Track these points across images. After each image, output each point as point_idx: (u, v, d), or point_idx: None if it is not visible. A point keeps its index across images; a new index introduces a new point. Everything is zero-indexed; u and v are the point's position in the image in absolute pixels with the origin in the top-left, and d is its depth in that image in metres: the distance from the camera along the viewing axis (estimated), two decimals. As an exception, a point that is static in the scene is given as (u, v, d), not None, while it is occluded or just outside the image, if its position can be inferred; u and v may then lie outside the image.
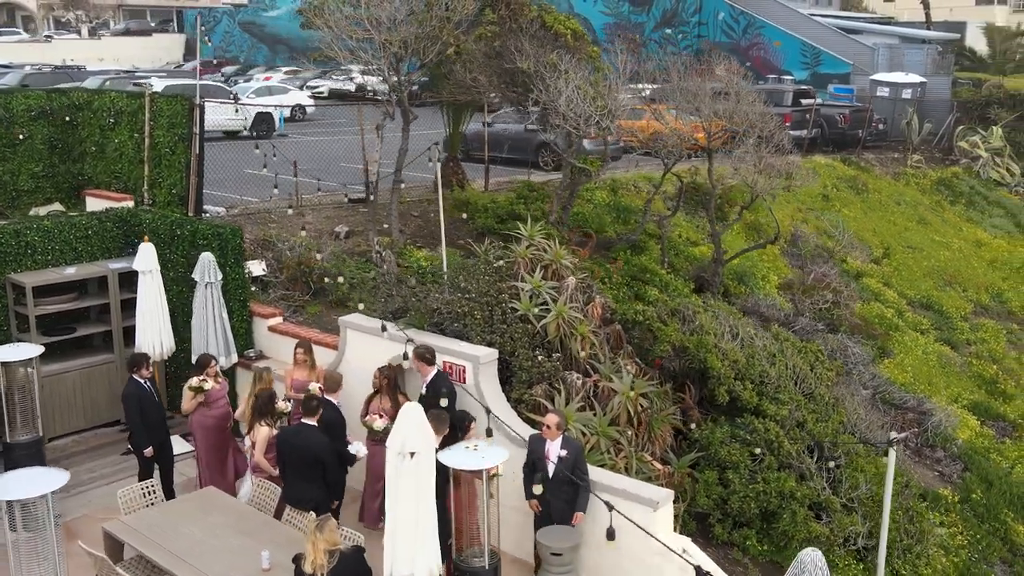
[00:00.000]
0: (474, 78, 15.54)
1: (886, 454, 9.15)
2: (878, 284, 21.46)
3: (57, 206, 17.60)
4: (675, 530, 10.02)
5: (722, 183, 18.21)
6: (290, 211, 17.20)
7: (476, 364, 10.67)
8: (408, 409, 7.68)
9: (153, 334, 12.64)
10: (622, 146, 26.18)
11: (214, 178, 17.76)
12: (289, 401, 11.17)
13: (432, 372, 10.41)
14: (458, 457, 8.36)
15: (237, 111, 28.99)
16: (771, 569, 10.97)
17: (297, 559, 7.81)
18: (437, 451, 8.01)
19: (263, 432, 10.45)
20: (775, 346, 12.87)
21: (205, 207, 16.46)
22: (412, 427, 7.60)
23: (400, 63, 15.04)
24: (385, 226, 16.69)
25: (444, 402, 10.15)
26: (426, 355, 10.38)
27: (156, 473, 11.28)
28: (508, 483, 9.67)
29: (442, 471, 8.35)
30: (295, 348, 11.66)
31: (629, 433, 10.89)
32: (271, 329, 13.38)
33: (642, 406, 10.82)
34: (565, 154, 15.14)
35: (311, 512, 9.82)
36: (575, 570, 8.66)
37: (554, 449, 9.58)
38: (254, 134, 29.78)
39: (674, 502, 9.55)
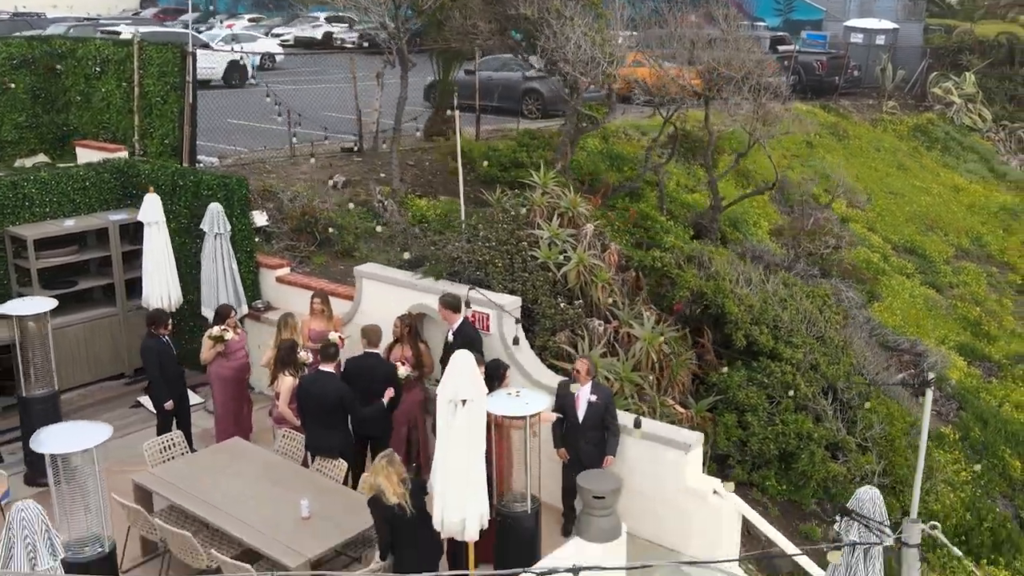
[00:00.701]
0: (473, 24, 15.32)
1: (919, 395, 9.31)
2: (863, 229, 21.71)
3: (42, 157, 17.18)
4: (701, 472, 10.17)
5: (716, 130, 18.22)
6: (313, 161, 16.82)
7: (500, 312, 10.66)
8: (458, 357, 7.66)
9: (161, 286, 12.42)
10: (605, 93, 26.13)
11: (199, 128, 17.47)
12: (307, 352, 11.10)
13: (459, 320, 10.38)
14: (501, 404, 8.36)
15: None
16: (789, 508, 11.19)
17: (374, 501, 7.92)
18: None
19: (287, 382, 10.38)
20: (785, 291, 13.00)
21: (198, 157, 16.17)
22: (463, 375, 7.59)
23: (399, 9, 14.79)
24: (382, 175, 16.54)
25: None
26: (453, 303, 10.33)
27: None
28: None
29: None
30: (312, 298, 11.55)
31: (651, 378, 10.98)
32: (279, 280, 13.23)
33: (663, 351, 10.90)
34: (572, 101, 15.02)
35: (338, 459, 9.84)
36: (616, 513, 8.75)
37: (584, 395, 9.64)
38: (225, 83, 29.23)
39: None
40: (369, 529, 8.71)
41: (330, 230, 13.99)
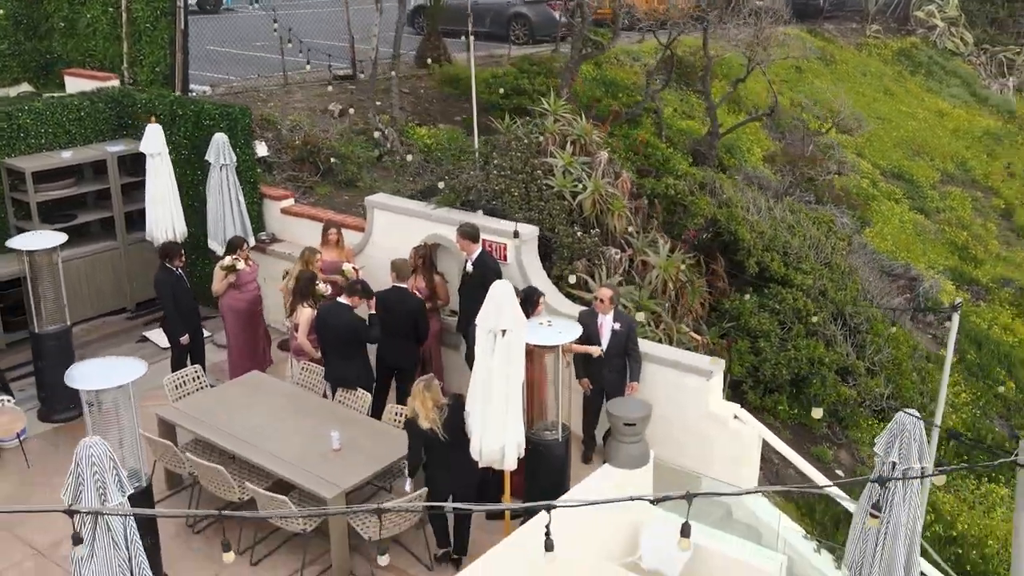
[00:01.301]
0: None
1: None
2: (852, 155, 21.77)
3: (25, 86, 16.70)
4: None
5: (713, 56, 18.03)
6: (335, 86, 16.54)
7: (520, 241, 10.61)
8: (497, 287, 7.64)
9: (165, 219, 12.20)
10: (592, 19, 25.73)
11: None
12: (326, 284, 11.05)
13: (477, 250, 10.32)
14: (533, 333, 8.37)
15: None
16: (801, 431, 11.40)
17: (410, 423, 8.11)
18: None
19: (305, 313, 10.31)
20: (792, 217, 13.05)
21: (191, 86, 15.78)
22: (502, 305, 7.57)
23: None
24: (379, 103, 16.27)
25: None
26: (472, 232, 10.26)
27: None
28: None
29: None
30: (326, 229, 11.42)
31: (667, 305, 11.03)
32: (284, 211, 13.07)
33: (679, 279, 10.94)
34: (578, 26, 14.77)
35: (357, 390, 9.85)
36: (644, 439, 8.86)
37: (607, 323, 9.68)
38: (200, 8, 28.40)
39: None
40: (399, 460, 8.80)
41: (332, 160, 13.78)
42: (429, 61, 18.12)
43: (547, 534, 5.26)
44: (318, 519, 8.46)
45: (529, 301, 9.30)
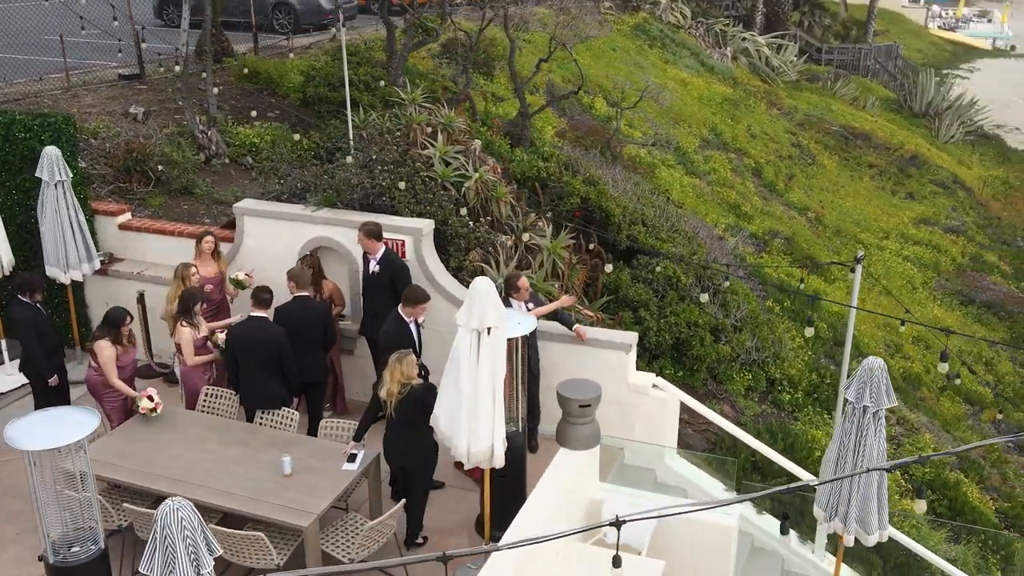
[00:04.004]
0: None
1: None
2: (626, 127, 22.95)
3: None
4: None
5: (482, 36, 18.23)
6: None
7: (418, 236, 10.37)
8: (479, 284, 7.46)
9: (-12, 248, 10.78)
10: (356, 4, 25.29)
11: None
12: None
13: (381, 249, 9.98)
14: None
15: None
16: (687, 390, 12.01)
17: (375, 385, 8.40)
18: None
19: (186, 334, 9.50)
20: (635, 189, 13.63)
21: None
22: (485, 303, 7.42)
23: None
24: (180, 103, 15.15)
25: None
26: (376, 231, 9.90)
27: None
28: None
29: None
30: (200, 239, 10.53)
31: (556, 285, 11.23)
32: (123, 227, 11.90)
33: (571, 260, 11.16)
34: (410, 13, 14.45)
35: (282, 408, 9.28)
36: (595, 419, 9.01)
37: (524, 310, 9.73)
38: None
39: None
40: (357, 478, 8.44)
41: (159, 168, 12.70)
42: (230, 57, 17.08)
43: (616, 550, 5.23)
44: (289, 551, 7.92)
45: (511, 286, 9.20)
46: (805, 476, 10.02)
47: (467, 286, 10.60)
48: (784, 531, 8.52)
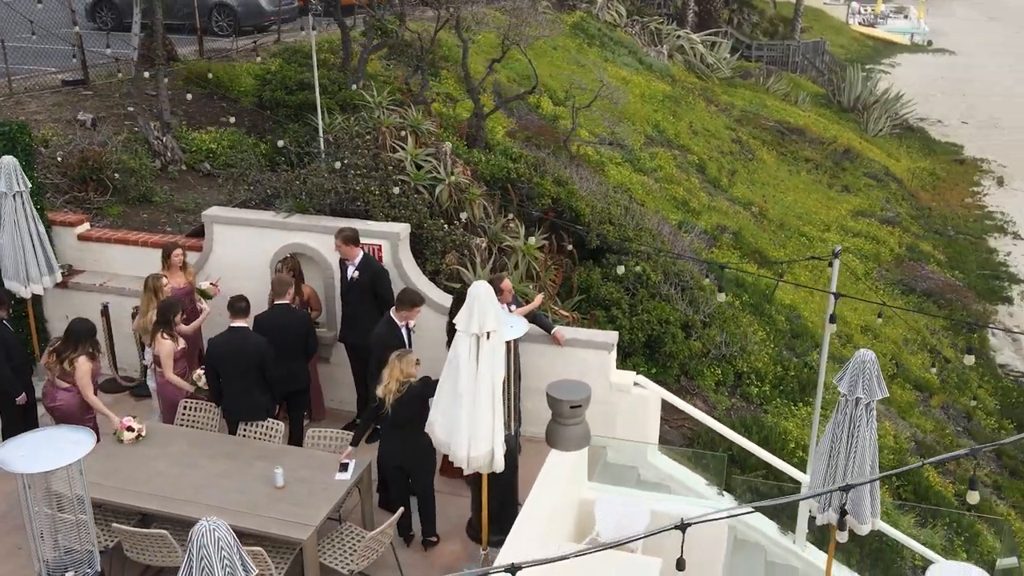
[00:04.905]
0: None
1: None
2: (568, 126, 23.04)
3: None
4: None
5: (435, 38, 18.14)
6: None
7: (395, 241, 10.25)
8: (477, 288, 7.42)
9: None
10: (296, 5, 24.94)
11: None
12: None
13: (359, 254, 9.85)
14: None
15: None
16: (661, 387, 12.11)
17: (375, 389, 8.32)
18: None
19: (166, 346, 9.28)
20: (600, 188, 13.68)
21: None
22: (485, 307, 7.37)
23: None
24: (131, 109, 14.77)
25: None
26: (354, 236, 9.76)
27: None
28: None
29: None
30: (169, 252, 10.26)
31: (531, 286, 11.23)
32: (83, 238, 11.55)
33: (547, 261, 11.15)
34: (371, 17, 14.27)
35: (267, 420, 9.11)
36: (585, 420, 9.01)
37: (507, 311, 9.70)
38: None
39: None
40: (352, 487, 8.32)
41: (116, 176, 12.36)
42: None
43: (680, 554, 5.26)
44: (286, 565, 7.77)
45: (495, 288, 9.13)
46: (787, 469, 10.18)
47: (445, 290, 10.59)
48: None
